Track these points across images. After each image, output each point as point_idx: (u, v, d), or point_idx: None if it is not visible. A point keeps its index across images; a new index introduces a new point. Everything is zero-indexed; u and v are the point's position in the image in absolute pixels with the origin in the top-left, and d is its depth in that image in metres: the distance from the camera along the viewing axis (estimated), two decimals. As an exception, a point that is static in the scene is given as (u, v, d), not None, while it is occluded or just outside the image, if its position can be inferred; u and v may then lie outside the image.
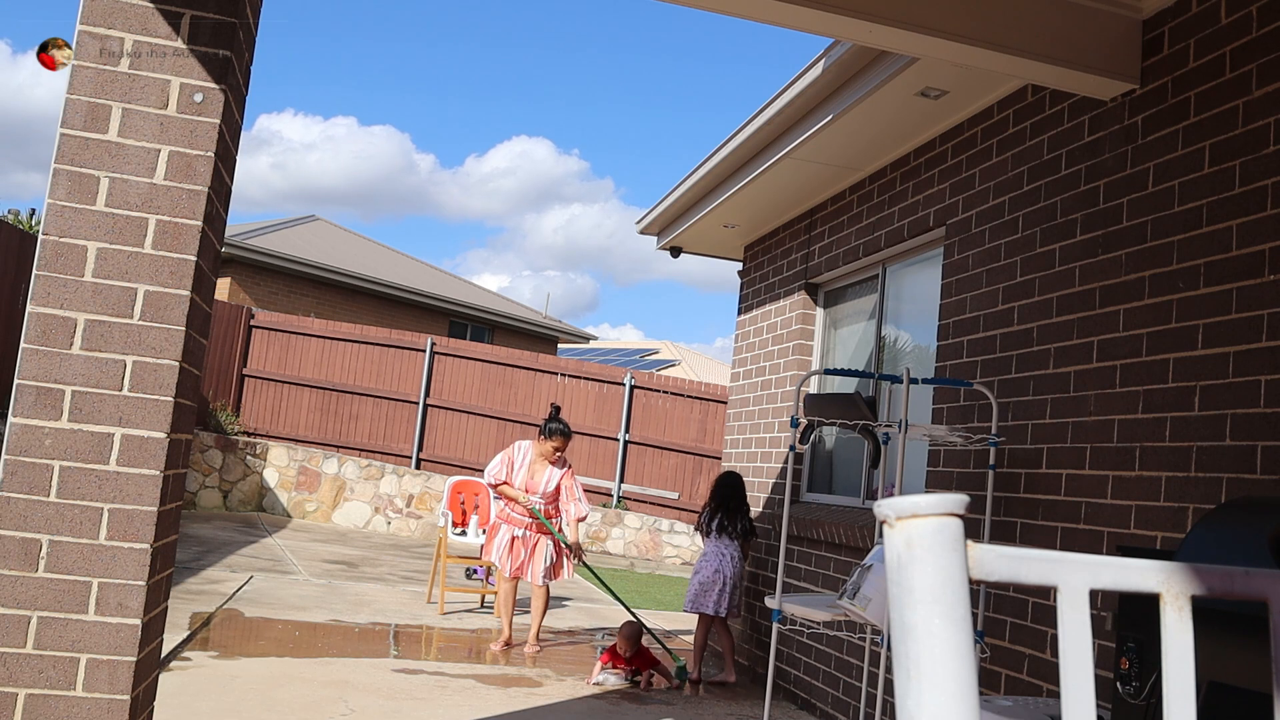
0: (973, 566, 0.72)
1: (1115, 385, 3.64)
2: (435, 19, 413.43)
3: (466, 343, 15.39)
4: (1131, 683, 2.43)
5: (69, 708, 2.49)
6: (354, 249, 21.43)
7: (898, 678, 0.70)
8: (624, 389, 14.39)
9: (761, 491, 6.98)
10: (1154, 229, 3.55)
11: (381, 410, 14.45)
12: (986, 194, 4.63)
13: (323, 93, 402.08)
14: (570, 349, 26.03)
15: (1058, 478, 3.91)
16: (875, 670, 4.96)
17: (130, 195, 2.60)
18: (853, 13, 3.55)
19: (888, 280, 5.89)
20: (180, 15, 2.65)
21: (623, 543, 13.94)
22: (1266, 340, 3.02)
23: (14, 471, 2.50)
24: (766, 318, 7.28)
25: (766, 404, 7.05)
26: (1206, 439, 3.20)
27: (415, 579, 9.46)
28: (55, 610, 2.50)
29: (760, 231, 7.54)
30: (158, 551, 2.62)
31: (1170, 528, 3.32)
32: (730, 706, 5.88)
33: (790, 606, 4.65)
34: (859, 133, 5.27)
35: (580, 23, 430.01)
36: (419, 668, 5.99)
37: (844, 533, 5.53)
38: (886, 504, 0.71)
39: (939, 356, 4.87)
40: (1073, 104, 4.08)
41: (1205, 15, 3.43)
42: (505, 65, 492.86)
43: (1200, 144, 3.38)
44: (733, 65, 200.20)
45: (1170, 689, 0.77)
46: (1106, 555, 0.78)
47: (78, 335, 2.55)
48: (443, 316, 20.65)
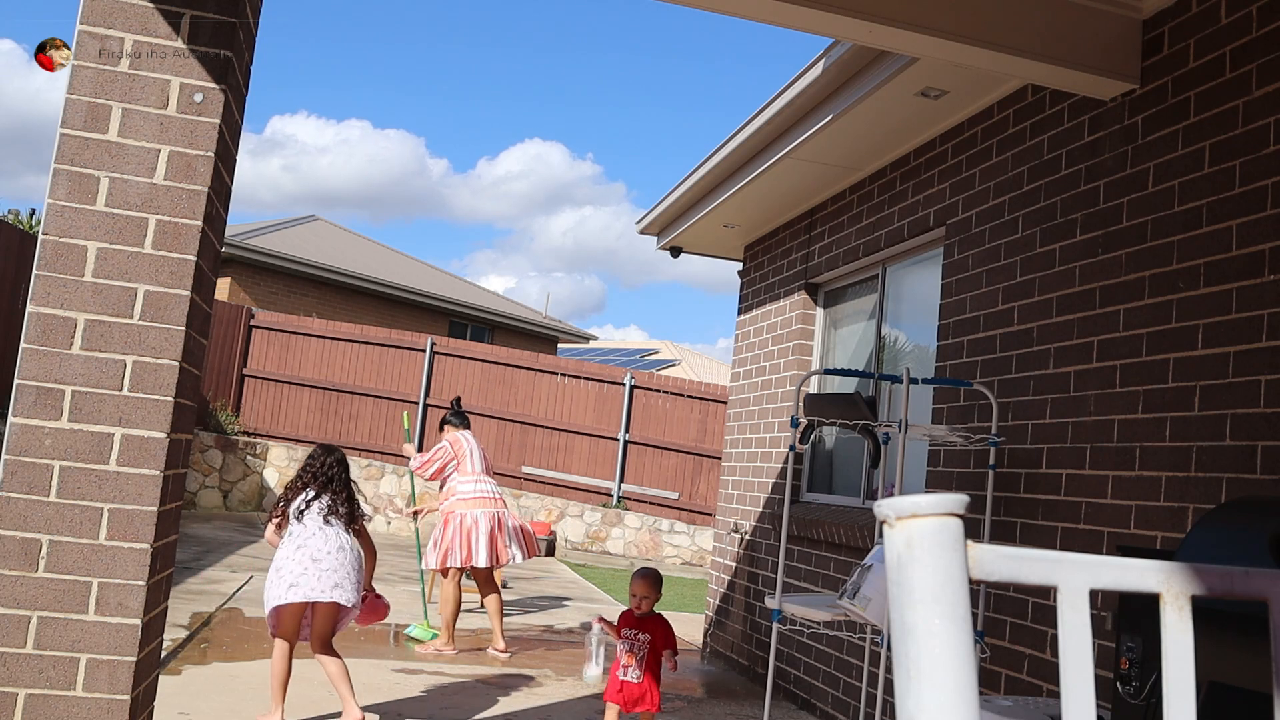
0: (973, 566, 0.72)
1: (1115, 385, 3.64)
2: (453, 22, 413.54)
3: (466, 343, 15.39)
4: (1131, 683, 2.43)
5: (69, 708, 2.49)
6: (354, 249, 21.43)
7: (898, 678, 0.70)
8: (624, 389, 14.39)
9: (761, 491, 6.98)
10: (1154, 229, 3.55)
11: (381, 410, 14.45)
12: (986, 194, 4.63)
13: (337, 95, 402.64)
14: (570, 349, 26.03)
15: (1058, 478, 3.91)
16: (875, 670, 4.96)
17: (130, 195, 2.60)
18: (853, 13, 3.55)
19: (888, 280, 5.89)
20: (180, 15, 2.65)
21: (623, 543, 13.94)
22: (1266, 340, 3.02)
23: (14, 471, 2.50)
24: (766, 318, 7.28)
25: (766, 404, 7.05)
26: (1206, 439, 3.20)
27: (415, 579, 9.46)
28: (55, 610, 2.50)
29: (760, 231, 7.54)
30: (158, 551, 2.62)
31: (1170, 528, 3.32)
32: (730, 706, 5.88)
33: (790, 606, 4.65)
34: (859, 133, 5.27)
35: (598, 26, 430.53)
36: (419, 668, 5.99)
37: (844, 533, 5.53)
38: (886, 504, 0.71)
39: (939, 356, 4.87)
40: (1073, 104, 4.08)
41: (1205, 15, 3.43)
42: (522, 68, 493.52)
43: (1200, 144, 3.38)
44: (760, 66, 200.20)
45: (1170, 689, 0.77)
46: (1106, 555, 0.78)
47: (78, 335, 2.55)
48: (443, 316, 20.65)
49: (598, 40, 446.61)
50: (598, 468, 14.41)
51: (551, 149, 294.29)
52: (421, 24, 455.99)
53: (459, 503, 6.66)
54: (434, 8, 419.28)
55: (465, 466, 6.76)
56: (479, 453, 6.89)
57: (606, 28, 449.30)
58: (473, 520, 6.60)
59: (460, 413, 7.11)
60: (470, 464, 6.79)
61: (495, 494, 6.79)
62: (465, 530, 6.57)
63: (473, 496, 6.68)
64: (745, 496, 7.22)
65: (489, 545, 6.58)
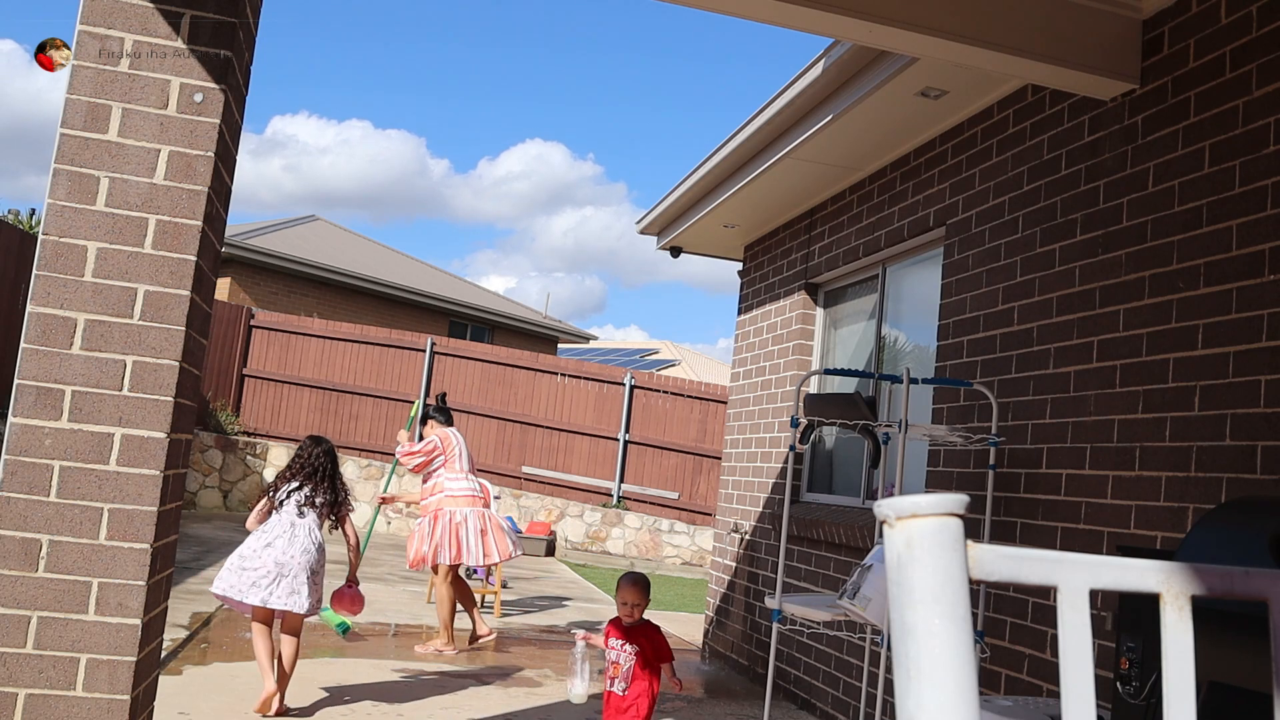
0: (973, 566, 0.72)
1: (1115, 385, 3.64)
2: (455, 22, 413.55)
3: (466, 343, 15.39)
4: (1131, 683, 2.43)
5: (69, 708, 2.49)
6: (354, 249, 21.43)
7: (898, 678, 0.70)
8: (624, 389, 14.39)
9: (761, 491, 6.98)
10: (1154, 229, 3.55)
11: (381, 410, 14.45)
12: (986, 194, 4.63)
13: (338, 95, 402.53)
14: (570, 349, 26.03)
15: (1058, 478, 3.91)
16: (875, 670, 4.96)
17: (130, 195, 2.60)
18: (853, 13, 3.55)
19: (888, 280, 5.89)
20: (180, 15, 2.65)
21: (623, 543, 13.94)
22: (1266, 340, 3.02)
23: (14, 471, 2.50)
24: (766, 318, 7.28)
25: (766, 404, 7.05)
26: (1206, 439, 3.20)
27: (415, 579, 9.46)
28: (55, 610, 2.50)
29: (760, 231, 7.54)
30: (158, 551, 2.62)
31: (1170, 528, 3.32)
32: (730, 706, 5.88)
33: (790, 606, 4.65)
34: (859, 133, 5.27)
35: (600, 26, 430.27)
36: (419, 668, 5.99)
37: (844, 533, 5.53)
38: (886, 504, 0.71)
39: (939, 356, 4.87)
40: (1073, 104, 4.08)
41: (1205, 15, 3.43)
42: (524, 69, 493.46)
43: (1200, 144, 3.38)
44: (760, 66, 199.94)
45: (1170, 689, 0.77)
46: (1106, 555, 0.78)
47: (78, 335, 2.55)
48: (443, 316, 20.65)
49: (600, 40, 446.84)
50: (598, 468, 14.41)
51: (553, 149, 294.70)
52: (423, 24, 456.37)
53: (448, 500, 6.66)
54: (435, 8, 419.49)
55: (454, 465, 6.75)
56: (466, 451, 6.89)
57: (608, 28, 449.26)
58: (462, 517, 6.62)
59: (445, 409, 7.06)
60: (460, 462, 6.78)
61: (475, 491, 6.80)
62: (454, 526, 6.58)
63: (462, 494, 6.68)
64: (745, 496, 7.22)
65: (478, 543, 6.61)
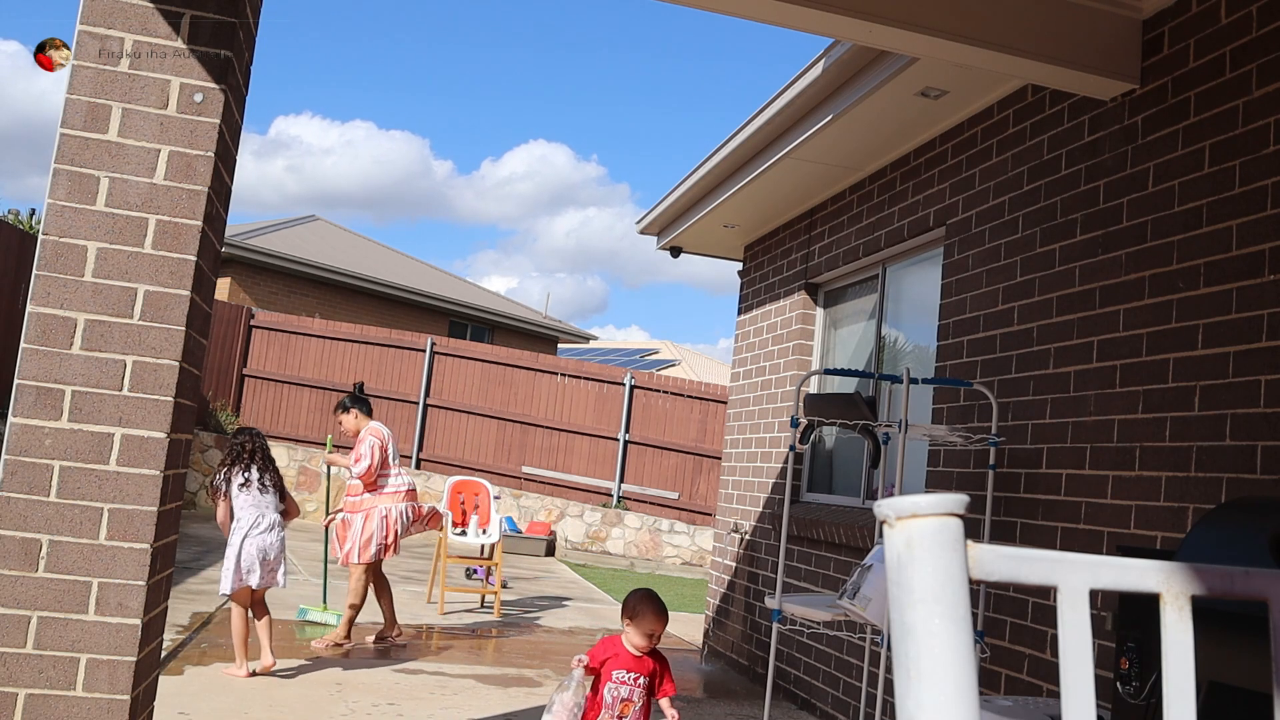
0: (973, 566, 0.72)
1: (1115, 385, 3.64)
2: (458, 23, 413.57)
3: (466, 343, 15.40)
4: (1131, 683, 2.43)
5: (69, 708, 2.49)
6: (354, 249, 21.43)
7: (898, 678, 0.70)
8: (624, 389, 14.39)
9: (761, 491, 6.98)
10: (1154, 229, 3.55)
11: (381, 410, 14.45)
12: (986, 194, 4.63)
13: (342, 96, 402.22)
14: (570, 349, 26.04)
15: (1058, 478, 3.91)
16: (875, 670, 4.96)
17: (130, 195, 2.60)
18: (853, 13, 3.55)
19: (888, 280, 5.89)
20: (180, 15, 2.65)
21: (623, 543, 13.94)
22: (1266, 340, 3.02)
23: (14, 471, 2.50)
24: (766, 318, 7.28)
25: (766, 404, 7.05)
26: (1206, 439, 3.20)
27: (415, 579, 9.46)
28: (55, 610, 2.50)
29: (760, 231, 7.54)
30: (158, 551, 2.62)
31: (1170, 528, 3.32)
32: (730, 706, 5.88)
33: (790, 606, 4.65)
34: (859, 132, 5.27)
35: (603, 27, 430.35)
36: (419, 668, 6.00)
37: (844, 533, 5.53)
38: (886, 504, 0.71)
39: (939, 356, 4.87)
40: (1073, 104, 4.08)
41: (1205, 15, 3.43)
42: (527, 70, 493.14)
43: (1200, 144, 3.38)
44: (760, 66, 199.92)
45: (1170, 689, 0.77)
46: (1106, 555, 0.78)
47: (78, 335, 2.55)
48: (443, 316, 20.65)
49: (602, 41, 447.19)
50: (598, 468, 14.41)
51: (556, 150, 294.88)
52: (426, 25, 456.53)
53: (386, 497, 6.60)
54: (439, 8, 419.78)
55: (388, 461, 6.69)
56: (393, 444, 6.78)
57: (610, 29, 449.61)
58: (397, 513, 6.60)
59: (365, 399, 6.86)
60: (391, 459, 6.71)
61: (411, 485, 6.77)
62: (391, 524, 6.56)
63: (397, 490, 6.64)
64: (745, 496, 7.22)
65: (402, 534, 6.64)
